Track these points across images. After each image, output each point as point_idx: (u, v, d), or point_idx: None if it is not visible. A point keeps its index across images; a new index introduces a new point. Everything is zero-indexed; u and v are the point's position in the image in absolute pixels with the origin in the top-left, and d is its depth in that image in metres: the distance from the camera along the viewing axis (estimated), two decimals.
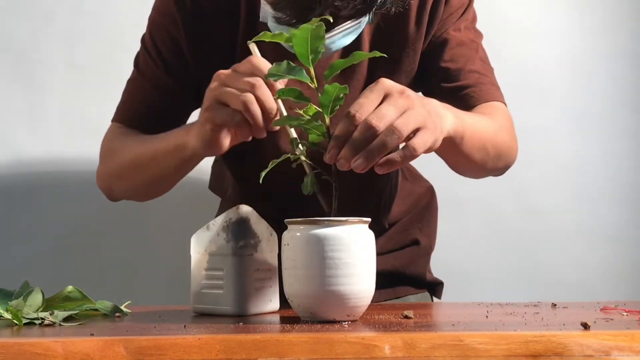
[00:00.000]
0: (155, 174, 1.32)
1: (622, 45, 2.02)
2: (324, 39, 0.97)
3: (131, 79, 1.43)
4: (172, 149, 1.24)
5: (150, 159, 1.30)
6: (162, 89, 1.37)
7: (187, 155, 1.21)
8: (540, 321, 0.94)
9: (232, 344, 0.79)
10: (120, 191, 1.42)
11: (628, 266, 1.99)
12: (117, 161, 1.37)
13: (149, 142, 1.31)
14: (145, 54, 1.39)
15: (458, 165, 1.34)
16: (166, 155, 1.26)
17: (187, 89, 1.37)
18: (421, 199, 1.55)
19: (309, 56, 0.98)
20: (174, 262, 1.82)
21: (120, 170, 1.37)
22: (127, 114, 1.40)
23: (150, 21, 1.40)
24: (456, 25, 1.36)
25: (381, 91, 1.00)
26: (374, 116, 0.97)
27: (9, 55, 1.86)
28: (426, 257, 1.54)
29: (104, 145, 1.43)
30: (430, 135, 1.01)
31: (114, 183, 1.40)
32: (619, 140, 2.01)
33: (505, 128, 1.34)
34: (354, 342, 0.79)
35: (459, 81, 1.35)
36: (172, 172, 1.30)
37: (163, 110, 1.38)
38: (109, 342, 0.79)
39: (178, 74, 1.36)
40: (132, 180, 1.36)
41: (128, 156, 1.34)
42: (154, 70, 1.37)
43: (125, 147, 1.36)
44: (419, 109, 1.00)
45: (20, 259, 1.83)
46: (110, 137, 1.42)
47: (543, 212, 1.98)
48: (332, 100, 0.98)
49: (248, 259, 1.04)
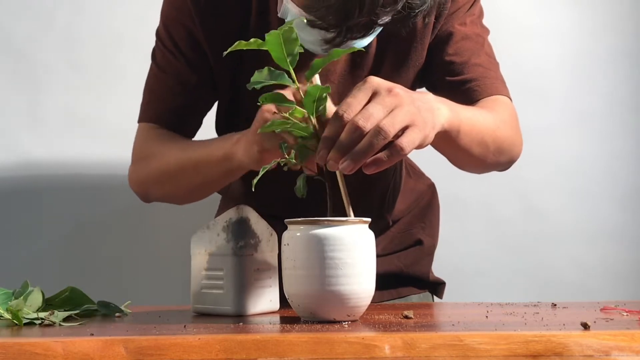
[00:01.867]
0: (198, 182, 1.31)
1: (622, 45, 2.02)
2: (297, 41, 0.97)
3: (151, 76, 1.40)
4: (218, 159, 1.23)
5: (193, 168, 1.29)
6: (186, 84, 1.36)
7: (234, 167, 1.21)
8: (540, 321, 0.94)
9: (232, 344, 0.79)
10: (158, 195, 1.41)
11: (628, 266, 1.99)
12: (156, 166, 1.35)
13: (191, 149, 1.31)
14: (163, 49, 1.37)
15: (457, 159, 1.33)
16: (211, 164, 1.25)
17: (209, 81, 1.36)
18: (423, 196, 1.55)
19: (286, 59, 0.98)
20: (174, 262, 1.82)
21: (160, 176, 1.35)
22: (156, 113, 1.38)
23: (164, 15, 1.38)
24: (462, 20, 1.36)
25: (369, 90, 1.00)
26: (360, 116, 0.97)
27: (9, 55, 1.86)
28: (429, 256, 1.54)
29: (137, 148, 1.41)
30: (418, 133, 1.00)
31: (151, 187, 1.39)
32: (619, 140, 2.01)
33: (507, 122, 1.33)
34: (354, 342, 0.79)
35: (463, 74, 1.35)
36: (216, 181, 1.31)
37: (189, 105, 1.37)
38: (109, 342, 0.79)
39: (199, 67, 1.35)
40: (173, 186, 1.36)
41: (169, 162, 1.33)
42: (176, 66, 1.36)
43: (164, 152, 1.34)
44: (407, 106, 1.00)
45: (20, 259, 1.83)
46: (144, 139, 1.40)
47: (543, 212, 1.98)
48: (315, 100, 0.98)
49: (248, 259, 1.04)
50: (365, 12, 1.06)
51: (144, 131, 1.40)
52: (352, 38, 1.12)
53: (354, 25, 1.09)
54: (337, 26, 1.09)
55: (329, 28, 1.10)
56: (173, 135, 1.37)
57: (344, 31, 1.10)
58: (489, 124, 1.26)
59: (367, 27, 1.10)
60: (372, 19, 1.08)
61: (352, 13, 1.06)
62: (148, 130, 1.39)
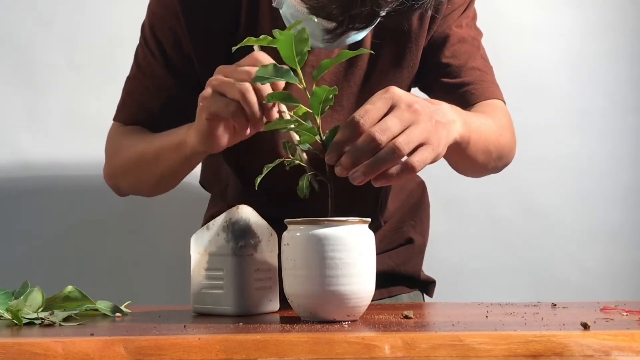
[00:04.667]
0: (159, 172, 1.32)
1: (622, 45, 2.02)
2: (308, 41, 0.97)
3: (131, 77, 1.40)
4: (173, 146, 1.24)
5: (153, 157, 1.30)
6: (164, 88, 1.35)
7: (188, 153, 1.21)
8: (540, 321, 0.94)
9: (232, 344, 0.79)
10: (126, 187, 1.43)
11: (628, 266, 1.99)
12: (122, 158, 1.37)
13: (153, 139, 1.31)
14: (145, 48, 1.36)
15: (460, 166, 1.34)
16: (168, 153, 1.26)
17: (189, 86, 1.33)
18: (413, 195, 1.55)
19: (295, 58, 0.98)
20: (174, 262, 1.82)
21: (125, 167, 1.37)
22: (129, 115, 1.39)
23: (150, 12, 1.37)
24: (458, 22, 1.37)
25: (389, 100, 1.00)
26: (377, 128, 0.97)
27: (9, 55, 1.86)
28: (420, 255, 1.54)
29: (108, 144, 1.43)
30: (431, 152, 1.02)
31: (120, 179, 1.41)
32: (619, 140, 2.01)
33: (507, 128, 1.34)
34: (354, 342, 0.79)
35: (460, 78, 1.35)
36: (174, 170, 1.30)
37: (165, 108, 1.36)
38: (109, 342, 0.79)
39: (180, 70, 1.34)
40: (137, 177, 1.37)
41: (132, 153, 1.34)
42: (155, 68, 1.35)
43: (129, 144, 1.36)
44: (424, 123, 1.00)
45: (20, 259, 1.83)
46: (113, 135, 1.42)
47: (543, 212, 1.98)
48: (321, 101, 0.98)
49: (248, 259, 1.04)
50: (368, 1, 1.06)
51: (116, 129, 1.42)
52: (353, 29, 1.12)
53: (356, 15, 1.09)
54: (340, 15, 1.08)
55: (331, 18, 1.10)
56: (142, 130, 1.37)
57: (347, 21, 1.10)
58: (492, 132, 1.27)
59: (369, 18, 1.10)
60: (374, 9, 1.08)
61: (355, 2, 1.06)
62: (119, 127, 1.41)
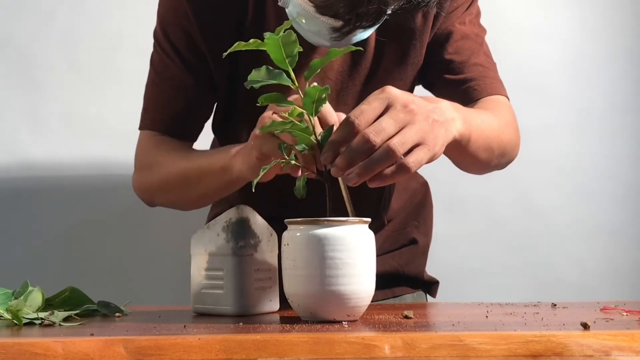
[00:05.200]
0: (202, 192, 1.33)
1: (622, 45, 2.02)
2: (296, 43, 0.96)
3: (149, 83, 1.40)
4: (217, 169, 1.24)
5: (195, 178, 1.30)
6: (184, 89, 1.35)
7: (233, 178, 1.22)
8: (540, 321, 0.94)
9: (232, 344, 0.79)
10: (163, 202, 1.43)
11: (628, 266, 1.99)
12: (160, 176, 1.36)
13: (193, 159, 1.32)
14: (161, 52, 1.36)
15: (462, 164, 1.33)
16: (212, 175, 1.26)
17: (207, 83, 1.35)
18: (416, 194, 1.55)
19: (285, 60, 0.98)
20: (174, 262, 1.82)
21: (164, 185, 1.37)
22: (155, 120, 1.38)
23: (161, 17, 1.36)
24: (461, 19, 1.37)
25: (385, 100, 0.99)
26: (372, 129, 0.97)
27: (9, 55, 1.86)
28: (423, 256, 1.54)
29: (139, 155, 1.41)
30: (427, 153, 1.01)
31: (156, 196, 1.41)
32: (619, 140, 2.01)
33: (510, 124, 1.33)
34: (354, 342, 0.79)
35: (463, 74, 1.35)
36: (218, 191, 1.32)
37: (189, 110, 1.37)
38: (109, 342, 0.79)
39: (197, 69, 1.34)
40: (178, 195, 1.37)
41: (172, 172, 1.34)
42: (173, 71, 1.35)
43: (167, 162, 1.35)
44: (420, 123, 0.99)
45: (20, 259, 1.83)
46: (146, 147, 1.40)
47: (543, 212, 1.98)
48: (314, 101, 0.98)
49: (248, 259, 1.04)
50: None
51: (145, 139, 1.40)
52: (360, 27, 1.12)
53: (363, 14, 1.09)
54: (347, 14, 1.08)
55: (338, 17, 1.10)
56: (175, 144, 1.38)
57: (354, 19, 1.10)
58: (495, 129, 1.26)
59: (376, 16, 1.09)
60: (381, 7, 1.08)
61: (362, 0, 1.06)
62: (149, 137, 1.39)
